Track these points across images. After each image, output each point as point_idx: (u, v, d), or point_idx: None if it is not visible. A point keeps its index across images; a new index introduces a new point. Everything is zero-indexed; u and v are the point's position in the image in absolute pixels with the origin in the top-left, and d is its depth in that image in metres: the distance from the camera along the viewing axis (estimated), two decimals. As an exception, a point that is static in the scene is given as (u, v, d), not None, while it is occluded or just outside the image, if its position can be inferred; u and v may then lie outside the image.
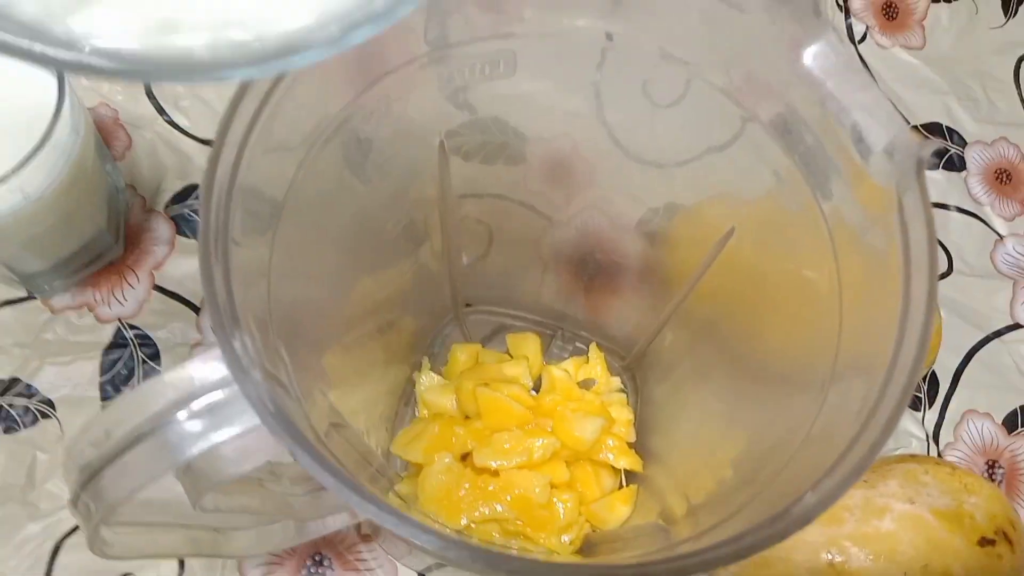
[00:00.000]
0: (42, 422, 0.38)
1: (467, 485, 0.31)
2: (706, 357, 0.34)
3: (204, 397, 0.18)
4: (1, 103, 0.35)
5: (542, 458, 0.32)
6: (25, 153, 0.31)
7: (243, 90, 0.21)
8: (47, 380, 0.39)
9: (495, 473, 0.32)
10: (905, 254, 0.21)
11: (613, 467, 0.34)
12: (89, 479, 0.18)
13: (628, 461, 0.34)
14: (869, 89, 0.21)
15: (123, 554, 0.22)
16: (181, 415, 0.17)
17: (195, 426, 0.17)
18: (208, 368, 0.18)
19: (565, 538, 0.32)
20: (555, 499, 0.32)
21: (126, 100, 0.44)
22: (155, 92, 0.44)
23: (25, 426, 0.38)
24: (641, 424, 0.36)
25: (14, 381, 0.38)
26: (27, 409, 0.38)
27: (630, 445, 0.35)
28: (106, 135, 0.43)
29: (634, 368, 0.36)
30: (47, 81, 0.34)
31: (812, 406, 0.23)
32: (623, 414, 0.35)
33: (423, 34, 0.25)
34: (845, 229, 0.24)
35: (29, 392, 0.38)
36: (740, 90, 0.26)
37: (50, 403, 0.38)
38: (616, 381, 0.37)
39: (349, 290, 0.30)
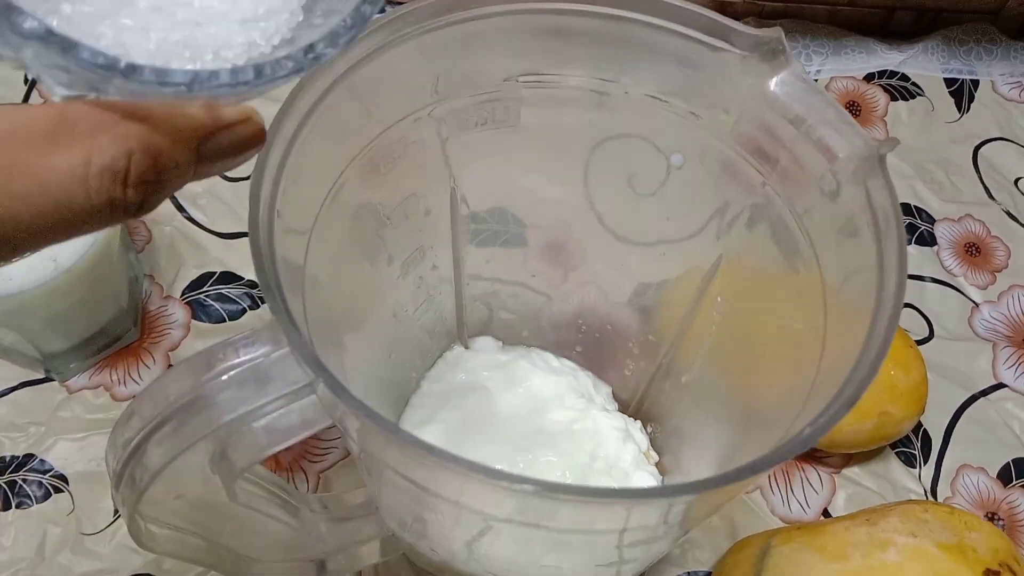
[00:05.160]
0: (55, 496, 0.38)
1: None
2: (699, 405, 0.35)
3: (246, 364, 0.19)
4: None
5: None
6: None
7: (275, 129, 0.23)
8: (61, 455, 0.39)
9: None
10: (874, 224, 0.23)
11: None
12: (135, 450, 0.20)
13: None
14: (831, 107, 0.24)
15: (156, 547, 0.23)
16: (225, 377, 0.19)
17: (238, 388, 0.19)
18: (249, 340, 0.20)
19: None
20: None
21: (147, 197, 0.47)
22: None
23: (37, 501, 0.38)
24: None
25: (28, 457, 0.39)
26: (40, 484, 0.39)
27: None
28: (128, 230, 0.45)
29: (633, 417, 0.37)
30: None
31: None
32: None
33: (433, 87, 0.28)
34: (830, 287, 0.26)
35: (43, 468, 0.39)
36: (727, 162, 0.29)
37: (63, 478, 0.39)
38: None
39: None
